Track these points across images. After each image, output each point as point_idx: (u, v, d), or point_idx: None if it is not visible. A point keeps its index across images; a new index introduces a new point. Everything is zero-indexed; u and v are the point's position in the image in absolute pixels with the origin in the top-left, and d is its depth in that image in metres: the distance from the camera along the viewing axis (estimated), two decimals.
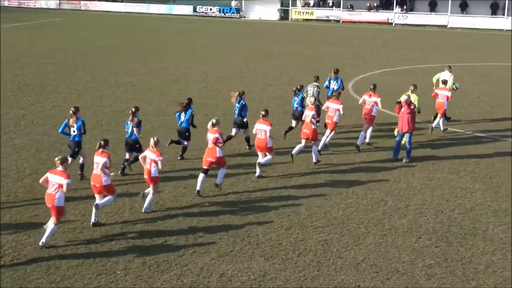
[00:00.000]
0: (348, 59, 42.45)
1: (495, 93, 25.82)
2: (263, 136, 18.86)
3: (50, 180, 14.08)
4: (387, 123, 24.90)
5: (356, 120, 24.87)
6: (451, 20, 68.06)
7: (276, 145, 20.60)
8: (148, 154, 16.14)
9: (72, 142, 18.12)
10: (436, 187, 18.40)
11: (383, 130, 24.10)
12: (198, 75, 35.41)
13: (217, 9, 76.68)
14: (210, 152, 17.50)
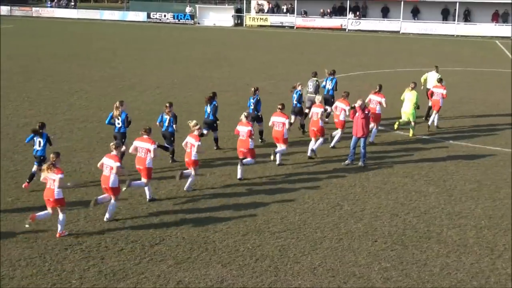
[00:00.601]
0: (302, 65, 42.67)
1: (447, 98, 26.25)
2: (280, 128, 20.34)
3: (105, 163, 15.67)
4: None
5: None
6: (403, 26, 69.02)
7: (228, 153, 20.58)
8: (189, 139, 17.96)
9: (118, 133, 19.68)
10: (391, 191, 18.59)
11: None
12: (153, 82, 35.24)
13: (171, 15, 76.49)
14: (243, 143, 19.20)
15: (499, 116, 28.49)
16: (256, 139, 21.76)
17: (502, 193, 18.63)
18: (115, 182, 15.59)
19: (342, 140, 22.83)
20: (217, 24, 74.39)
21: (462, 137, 24.82)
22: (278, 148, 20.71)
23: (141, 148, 16.99)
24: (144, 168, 16.88)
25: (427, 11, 69.82)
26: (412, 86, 24.41)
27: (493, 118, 28.11)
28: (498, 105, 31.02)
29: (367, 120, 20.80)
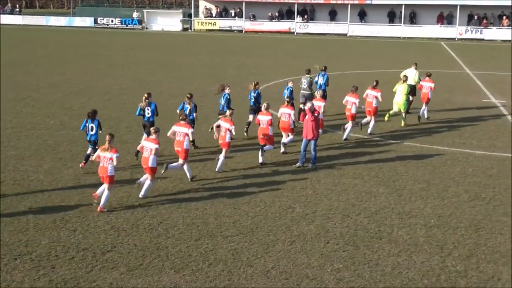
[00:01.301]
0: (251, 69, 42.79)
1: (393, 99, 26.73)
2: (287, 119, 22.21)
3: (145, 146, 17.62)
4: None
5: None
6: (350, 29, 69.78)
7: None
8: (222, 124, 20.22)
9: (148, 122, 21.54)
10: (342, 192, 18.75)
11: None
12: (102, 88, 34.92)
13: (118, 20, 75.91)
14: (264, 131, 21.13)
15: (446, 116, 28.98)
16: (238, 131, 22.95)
17: (450, 191, 18.95)
18: (153, 162, 17.46)
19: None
20: (165, 29, 74.11)
21: (410, 138, 25.18)
22: (284, 138, 22.59)
23: (179, 133, 19.24)
24: (182, 150, 19.09)
25: (373, 13, 70.73)
26: (404, 79, 27.08)
27: (440, 118, 28.57)
28: (444, 105, 31.56)
29: (317, 123, 20.94)
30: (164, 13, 79.50)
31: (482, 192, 18.95)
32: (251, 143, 23.61)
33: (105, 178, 16.73)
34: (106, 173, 16.67)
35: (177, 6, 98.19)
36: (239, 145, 23.33)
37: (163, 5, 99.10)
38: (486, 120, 28.52)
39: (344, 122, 25.28)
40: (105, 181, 16.75)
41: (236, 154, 22.22)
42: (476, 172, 20.90)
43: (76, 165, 20.54)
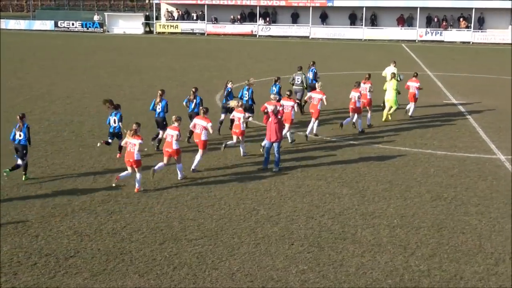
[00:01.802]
0: (214, 72, 42.75)
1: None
2: (289, 110, 23.57)
3: (168, 133, 19.74)
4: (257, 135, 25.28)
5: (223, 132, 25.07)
6: (312, 31, 70.09)
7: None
8: (236, 114, 22.26)
9: (159, 118, 22.97)
10: (306, 194, 18.82)
11: (253, 140, 24.40)
12: (63, 92, 34.56)
13: (79, 23, 75.22)
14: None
15: (407, 117, 29.23)
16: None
17: (412, 192, 19.14)
18: (177, 145, 19.67)
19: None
20: (127, 32, 73.67)
21: (373, 139, 25.37)
22: (285, 129, 23.59)
23: (198, 125, 20.64)
24: (200, 141, 20.67)
25: (335, 16, 71.17)
26: (392, 76, 28.59)
27: (401, 119, 28.82)
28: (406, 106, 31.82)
29: (280, 125, 21.00)
30: (126, 16, 78.95)
31: (444, 192, 19.19)
32: (216, 146, 23.60)
33: (133, 162, 18.62)
34: (133, 157, 18.57)
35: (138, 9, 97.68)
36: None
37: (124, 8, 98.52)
38: (447, 121, 28.87)
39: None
40: (133, 164, 18.64)
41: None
42: (438, 173, 21.14)
43: (36, 169, 20.32)
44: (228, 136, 24.07)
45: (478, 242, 15.61)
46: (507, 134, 26.40)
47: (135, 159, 18.59)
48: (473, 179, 20.57)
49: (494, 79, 41.75)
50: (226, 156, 22.22)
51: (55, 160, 21.68)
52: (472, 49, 61.55)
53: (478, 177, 20.78)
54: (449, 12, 68.91)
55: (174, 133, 19.70)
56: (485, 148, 24.31)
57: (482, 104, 32.76)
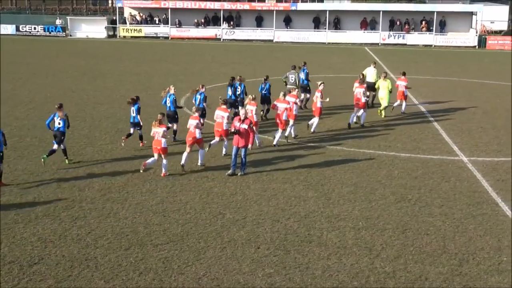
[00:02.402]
0: (179, 76, 42.59)
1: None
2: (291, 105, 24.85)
3: (190, 124, 21.39)
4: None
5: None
6: (276, 35, 70.20)
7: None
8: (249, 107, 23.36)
9: (170, 112, 24.64)
10: (271, 197, 18.84)
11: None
12: (25, 96, 34.14)
13: (41, 28, 74.38)
14: (280, 116, 24.24)
15: (371, 120, 29.43)
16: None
17: (377, 194, 19.28)
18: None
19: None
20: (90, 36, 73.04)
21: (337, 142, 25.49)
22: (290, 123, 25.08)
23: (218, 115, 22.45)
24: (222, 130, 22.40)
25: (299, 19, 71.33)
26: (384, 75, 30.26)
27: (365, 121, 28.94)
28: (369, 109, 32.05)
29: (248, 132, 20.90)
30: (89, 20, 78.27)
31: (408, 194, 19.36)
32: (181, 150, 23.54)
33: (160, 149, 20.52)
34: (161, 145, 20.44)
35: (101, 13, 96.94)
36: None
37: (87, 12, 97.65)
38: (410, 123, 29.14)
39: None
40: (161, 151, 20.51)
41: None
42: (402, 175, 21.33)
43: (8, 177, 20.07)
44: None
45: (442, 243, 15.78)
46: (469, 136, 26.75)
47: (162, 146, 20.46)
48: (436, 180, 20.79)
49: (456, 82, 42.27)
50: (191, 160, 22.15)
51: (17, 166, 21.43)
52: (434, 52, 62.24)
53: (441, 178, 21.01)
54: (412, 16, 69.54)
55: (195, 122, 21.38)
56: (448, 150, 24.59)
57: (444, 107, 33.14)
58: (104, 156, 22.71)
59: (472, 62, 54.96)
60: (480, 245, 15.76)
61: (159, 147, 20.49)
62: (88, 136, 25.38)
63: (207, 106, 25.49)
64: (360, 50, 62.78)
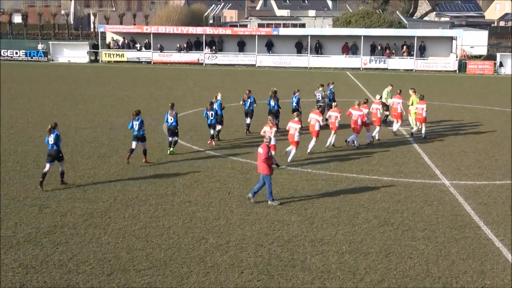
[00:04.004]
0: (161, 100, 42.56)
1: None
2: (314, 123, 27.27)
3: (290, 126, 25.37)
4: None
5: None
6: (258, 59, 70.47)
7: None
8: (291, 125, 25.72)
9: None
10: (255, 222, 18.80)
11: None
12: (6, 121, 33.91)
13: (23, 52, 74.18)
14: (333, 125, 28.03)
15: (353, 144, 29.49)
16: None
17: (360, 218, 19.30)
18: (298, 138, 25.29)
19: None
20: (72, 61, 72.91)
21: (320, 165, 25.52)
22: (312, 141, 27.29)
23: (291, 127, 25.25)
24: (293, 141, 25.32)
25: (281, 44, 71.68)
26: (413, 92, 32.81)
27: (347, 146, 29.01)
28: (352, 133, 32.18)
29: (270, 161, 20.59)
30: (71, 44, 78.13)
31: (391, 218, 19.40)
32: (164, 173, 23.48)
33: (293, 142, 25.29)
34: (294, 138, 25.17)
35: (83, 38, 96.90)
36: (150, 175, 23.11)
37: (69, 37, 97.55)
38: (392, 147, 29.25)
39: None
40: (294, 144, 25.32)
41: (148, 186, 22.01)
42: (385, 198, 21.38)
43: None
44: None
45: (425, 267, 15.80)
46: (451, 160, 26.89)
47: (295, 140, 25.11)
48: (419, 204, 20.86)
49: (437, 105, 42.54)
50: (174, 185, 22.09)
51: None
52: (415, 76, 62.70)
53: (424, 202, 21.08)
54: (393, 41, 70.13)
55: (296, 126, 24.91)
56: (430, 174, 24.70)
57: (426, 130, 33.28)
58: (86, 181, 22.58)
59: (453, 86, 55.40)
60: (463, 268, 15.80)
61: (292, 140, 25.37)
62: (70, 161, 25.23)
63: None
64: (341, 74, 63.14)
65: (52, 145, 21.48)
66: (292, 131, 25.42)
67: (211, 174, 23.72)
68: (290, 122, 25.74)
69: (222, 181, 22.97)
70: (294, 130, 25.36)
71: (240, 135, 31.12)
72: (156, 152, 26.59)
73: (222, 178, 23.28)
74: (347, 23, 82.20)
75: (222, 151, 27.45)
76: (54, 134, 21.44)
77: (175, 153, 26.42)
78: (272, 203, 20.39)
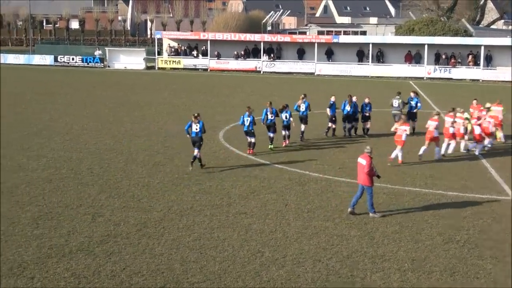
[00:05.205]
0: (217, 108, 42.75)
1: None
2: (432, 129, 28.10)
3: (429, 124, 27.97)
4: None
5: None
6: (318, 67, 70.34)
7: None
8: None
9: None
10: (312, 236, 18.57)
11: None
12: (62, 128, 34.50)
13: (80, 58, 75.65)
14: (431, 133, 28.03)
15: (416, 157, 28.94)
16: None
17: (423, 234, 18.89)
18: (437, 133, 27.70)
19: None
20: (128, 67, 74.01)
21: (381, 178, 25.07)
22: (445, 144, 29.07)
23: (400, 129, 27.02)
24: (400, 141, 26.95)
25: (341, 52, 71.50)
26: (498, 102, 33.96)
27: (411, 159, 28.52)
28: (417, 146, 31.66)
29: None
30: (127, 51, 79.36)
31: (456, 235, 18.94)
32: (219, 183, 23.45)
33: (432, 138, 27.64)
34: (432, 134, 27.39)
35: (140, 44, 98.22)
36: (205, 185, 23.09)
37: (125, 43, 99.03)
38: (458, 161, 28.69)
39: None
40: (433, 139, 27.74)
41: (203, 196, 22.00)
42: (450, 214, 20.91)
43: (33, 208, 20.13)
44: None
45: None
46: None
47: (434, 135, 27.56)
48: (486, 221, 20.33)
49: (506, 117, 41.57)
50: (229, 195, 22.05)
51: (52, 198, 21.50)
52: (482, 87, 61.61)
53: (491, 219, 20.54)
54: (458, 49, 69.18)
55: (434, 123, 27.48)
56: (498, 189, 24.09)
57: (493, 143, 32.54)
58: (140, 190, 22.69)
59: None
60: None
61: (431, 136, 27.63)
62: (124, 169, 25.43)
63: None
64: (404, 84, 62.38)
65: (197, 133, 25.06)
66: (432, 128, 27.92)
67: (268, 185, 23.59)
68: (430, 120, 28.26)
69: (279, 192, 22.82)
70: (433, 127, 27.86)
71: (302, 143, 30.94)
72: (212, 161, 26.60)
73: (279, 190, 23.14)
74: (410, 31, 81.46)
75: (279, 160, 27.31)
76: (201, 123, 25.09)
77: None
78: (374, 215, 20.26)
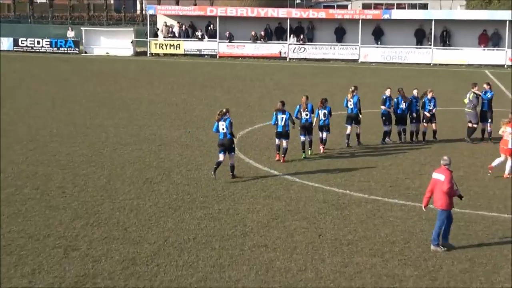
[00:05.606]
0: (229, 107, 42.80)
1: None
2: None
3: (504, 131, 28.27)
4: None
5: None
6: (363, 53, 70.20)
7: None
8: None
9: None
10: (355, 276, 18.64)
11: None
12: (24, 134, 34.60)
13: (47, 42, 75.87)
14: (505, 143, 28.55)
15: (496, 175, 28.95)
16: None
17: (502, 274, 18.90)
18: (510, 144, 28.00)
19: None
20: (111, 53, 74.26)
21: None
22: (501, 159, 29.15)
23: (506, 133, 28.06)
24: (507, 149, 28.05)
25: (394, 32, 70.99)
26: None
27: (487, 176, 28.55)
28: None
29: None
30: (110, 31, 79.41)
31: None
32: (231, 206, 23.61)
33: (506, 150, 28.04)
34: (507, 145, 27.82)
35: (127, 23, 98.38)
36: (213, 209, 23.25)
37: (108, 21, 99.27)
38: None
39: None
40: (506, 152, 28.04)
41: (210, 223, 22.15)
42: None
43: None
44: None
45: None
46: None
47: (509, 147, 27.75)
48: None
49: None
50: (244, 222, 22.20)
51: (12, 226, 21.64)
52: None
53: None
54: None
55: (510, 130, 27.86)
56: None
57: None
58: (127, 216, 22.84)
59: None
60: None
61: (506, 147, 27.93)
62: (106, 188, 25.63)
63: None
64: (478, 74, 62.28)
65: (224, 134, 26.27)
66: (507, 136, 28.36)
67: (295, 209, 23.69)
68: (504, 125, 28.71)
69: (310, 218, 22.92)
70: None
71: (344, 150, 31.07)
72: (222, 177, 26.74)
73: (310, 215, 23.23)
74: (487, 4, 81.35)
75: (309, 175, 27.41)
76: (227, 121, 26.28)
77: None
78: (437, 248, 20.40)
